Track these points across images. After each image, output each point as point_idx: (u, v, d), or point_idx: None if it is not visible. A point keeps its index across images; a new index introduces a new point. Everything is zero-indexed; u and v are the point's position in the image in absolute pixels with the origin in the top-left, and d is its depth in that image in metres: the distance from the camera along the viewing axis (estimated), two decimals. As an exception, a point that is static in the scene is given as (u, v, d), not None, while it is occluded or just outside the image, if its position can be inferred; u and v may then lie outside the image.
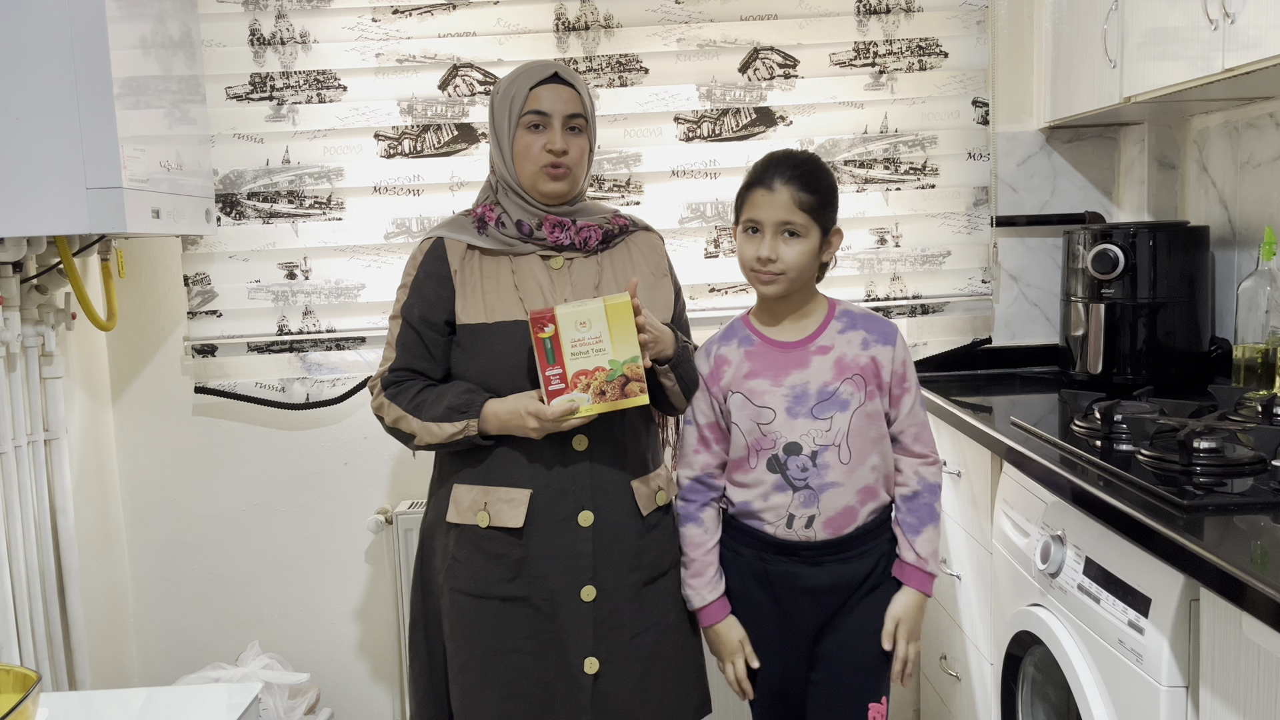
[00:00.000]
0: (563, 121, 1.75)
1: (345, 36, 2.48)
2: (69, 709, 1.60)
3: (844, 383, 1.70)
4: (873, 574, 1.74)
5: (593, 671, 1.73)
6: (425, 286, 1.77)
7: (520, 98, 1.75)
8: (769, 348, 1.75)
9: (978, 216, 2.56)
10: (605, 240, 1.82)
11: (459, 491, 1.77)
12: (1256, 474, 1.47)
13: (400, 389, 1.77)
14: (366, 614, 2.64)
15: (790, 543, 1.72)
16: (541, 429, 1.66)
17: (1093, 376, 2.31)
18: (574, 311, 1.62)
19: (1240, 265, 2.23)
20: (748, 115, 2.52)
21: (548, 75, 1.75)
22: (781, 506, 1.71)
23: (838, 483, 1.70)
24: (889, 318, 2.48)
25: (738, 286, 2.54)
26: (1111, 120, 2.51)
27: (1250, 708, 1.18)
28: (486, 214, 1.79)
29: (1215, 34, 1.70)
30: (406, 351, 1.78)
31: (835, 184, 1.74)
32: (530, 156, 1.74)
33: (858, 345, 1.73)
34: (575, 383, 1.64)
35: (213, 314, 2.52)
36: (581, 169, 1.80)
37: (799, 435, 1.69)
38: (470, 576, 1.75)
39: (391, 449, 2.59)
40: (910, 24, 2.51)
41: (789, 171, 1.69)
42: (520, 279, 1.76)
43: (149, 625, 2.63)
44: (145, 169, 2.01)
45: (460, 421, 1.70)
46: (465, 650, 1.76)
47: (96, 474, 2.50)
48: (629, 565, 1.76)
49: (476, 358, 1.75)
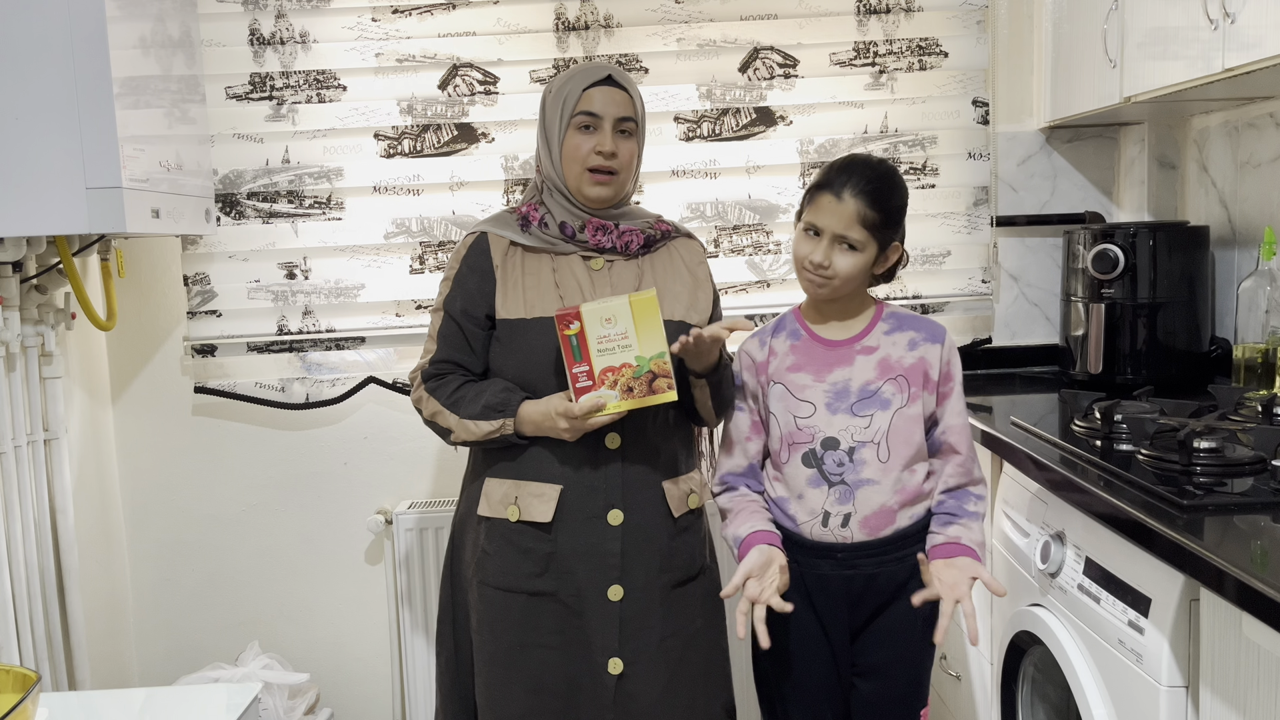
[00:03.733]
0: (614, 124, 1.75)
1: (345, 36, 2.48)
2: (69, 709, 1.60)
3: (887, 383, 1.70)
4: (911, 580, 1.72)
5: (617, 672, 1.73)
6: (468, 280, 1.78)
7: (573, 98, 1.74)
8: (815, 344, 1.74)
9: (978, 216, 2.56)
10: (647, 244, 1.82)
11: (490, 485, 1.77)
12: (1256, 474, 1.47)
13: (440, 383, 1.78)
14: (366, 614, 2.64)
15: (825, 544, 1.70)
16: (572, 429, 1.66)
17: (1093, 376, 2.31)
18: (599, 308, 1.62)
19: (1240, 265, 2.23)
20: (748, 115, 2.52)
21: (601, 77, 1.75)
22: (816, 503, 1.69)
23: (874, 480, 1.68)
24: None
25: (737, 286, 2.54)
26: (1111, 120, 2.50)
27: (1250, 708, 1.18)
28: (531, 213, 1.79)
29: (1215, 34, 1.70)
30: (447, 344, 1.79)
31: (905, 201, 1.71)
32: (578, 158, 1.75)
33: (904, 346, 1.72)
34: (603, 379, 1.64)
35: (212, 314, 2.52)
36: (629, 173, 1.80)
37: (837, 430, 1.69)
38: (499, 570, 1.75)
39: (391, 449, 2.59)
40: (910, 24, 2.51)
41: (861, 184, 1.64)
42: (561, 277, 1.77)
43: (149, 625, 2.63)
44: (145, 169, 2.01)
45: (496, 420, 1.71)
46: (492, 644, 1.76)
47: (96, 474, 2.50)
48: (659, 566, 1.75)
49: (514, 353, 1.75)
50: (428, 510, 2.47)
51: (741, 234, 2.53)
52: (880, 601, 1.72)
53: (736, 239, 2.53)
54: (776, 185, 2.53)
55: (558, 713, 1.74)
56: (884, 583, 1.71)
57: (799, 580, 1.72)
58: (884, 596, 1.72)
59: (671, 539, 1.76)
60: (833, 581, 1.71)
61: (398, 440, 2.58)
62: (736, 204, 2.53)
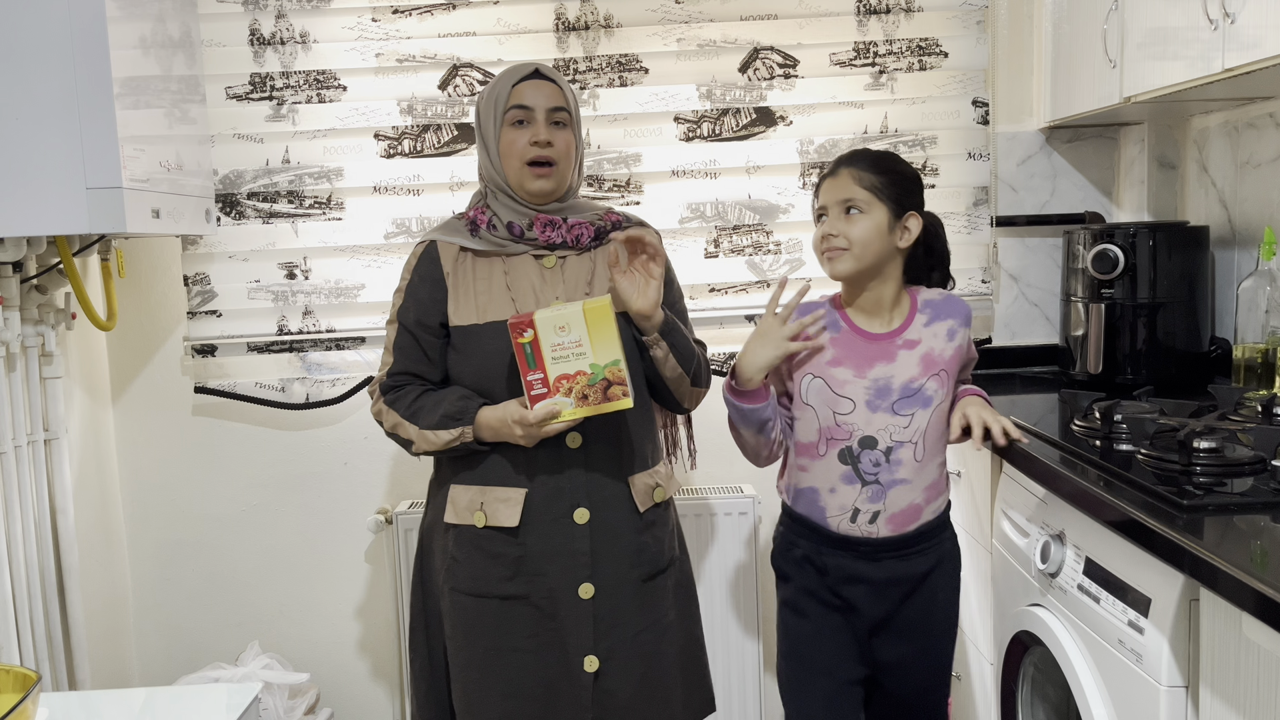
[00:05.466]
0: (546, 115, 1.76)
1: (345, 36, 2.48)
2: (69, 709, 1.60)
3: (930, 379, 1.71)
4: (933, 571, 1.74)
5: (593, 670, 1.74)
6: (419, 290, 1.79)
7: (504, 96, 1.76)
8: (855, 337, 1.74)
9: (978, 216, 2.56)
10: (598, 237, 1.82)
11: (456, 492, 1.77)
12: (1256, 474, 1.47)
13: (399, 394, 1.78)
14: (366, 614, 2.64)
15: (850, 538, 1.72)
16: (527, 435, 1.67)
17: (1093, 376, 2.31)
18: (552, 316, 1.63)
19: (1240, 265, 2.23)
20: (748, 115, 2.52)
21: (529, 73, 1.77)
22: (848, 499, 1.71)
23: (907, 480, 1.70)
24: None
25: (738, 286, 2.54)
26: (1111, 120, 2.50)
27: (1250, 708, 1.18)
28: (478, 216, 1.80)
29: (1215, 34, 1.70)
30: (403, 355, 1.79)
31: (909, 170, 1.74)
32: (515, 152, 1.75)
33: (944, 336, 1.73)
34: (557, 387, 1.64)
35: (213, 314, 2.52)
36: (568, 165, 1.80)
37: (876, 430, 1.69)
38: (469, 576, 1.76)
39: (391, 449, 2.59)
40: (910, 24, 2.51)
41: (854, 159, 1.72)
42: (513, 279, 1.77)
43: (149, 625, 2.63)
44: (145, 169, 2.01)
45: (455, 429, 1.71)
46: (467, 649, 1.76)
47: (96, 474, 2.50)
48: (628, 562, 1.76)
49: (470, 359, 1.76)
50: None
51: (741, 234, 2.53)
52: (903, 593, 1.73)
53: (736, 239, 2.53)
54: (776, 185, 2.53)
55: (536, 715, 1.74)
56: (906, 575, 1.72)
57: (822, 568, 1.74)
58: (906, 588, 1.73)
59: (639, 534, 1.78)
60: (855, 571, 1.72)
61: (398, 440, 2.58)
62: (736, 204, 2.53)
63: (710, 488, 2.53)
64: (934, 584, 1.75)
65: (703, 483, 2.57)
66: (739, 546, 2.46)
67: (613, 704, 1.75)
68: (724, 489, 2.52)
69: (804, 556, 1.76)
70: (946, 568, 1.78)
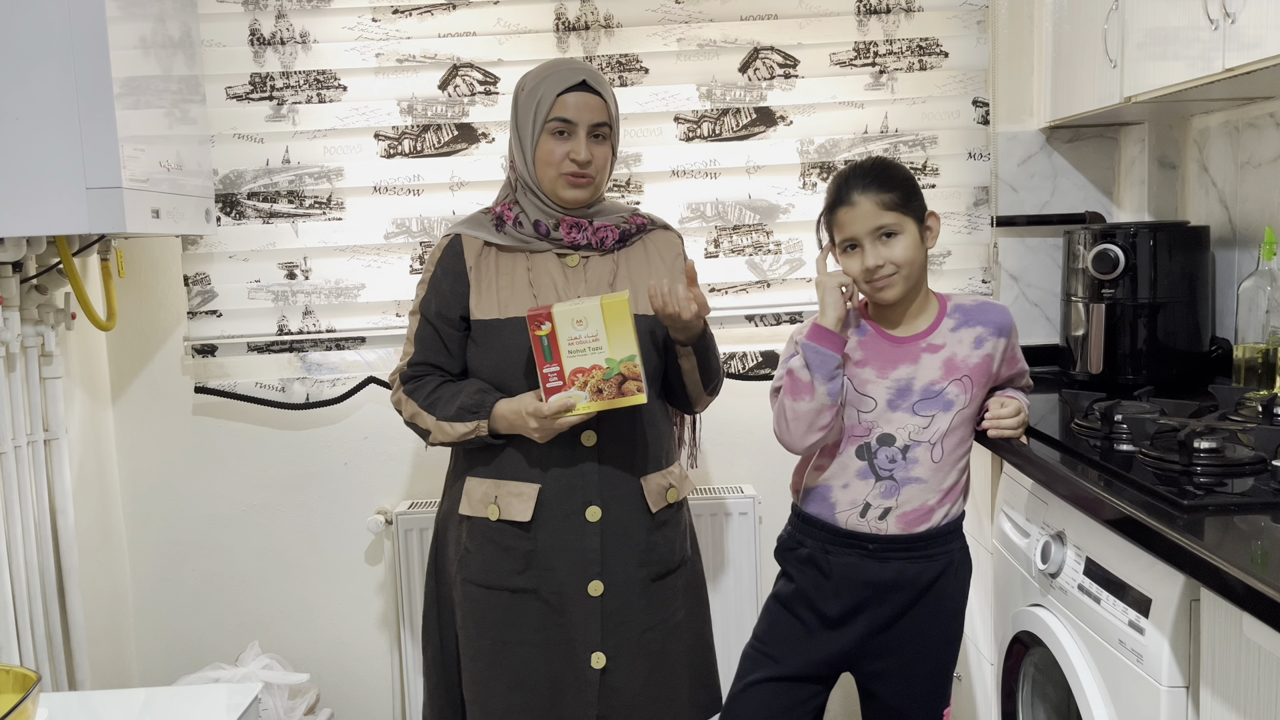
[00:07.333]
0: (588, 130, 1.75)
1: (345, 36, 2.48)
2: (69, 709, 1.60)
3: (952, 383, 1.71)
4: (940, 579, 1.74)
5: (600, 666, 1.75)
6: (442, 282, 1.80)
7: (546, 103, 1.74)
8: (881, 340, 1.75)
9: (978, 216, 2.56)
10: (622, 239, 1.83)
11: (471, 484, 1.79)
12: (1257, 474, 1.47)
13: (418, 384, 1.80)
14: (366, 614, 2.64)
15: (858, 534, 1.72)
16: (541, 428, 1.68)
17: (1093, 376, 2.31)
18: (570, 309, 1.63)
19: (1240, 265, 2.23)
20: (748, 115, 2.52)
21: (575, 83, 1.75)
22: (860, 494, 1.71)
23: (921, 479, 1.70)
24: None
25: (738, 286, 2.54)
26: (1112, 120, 2.50)
27: (1250, 708, 1.18)
28: (505, 213, 1.81)
29: (1215, 34, 1.70)
30: (424, 346, 1.81)
31: (910, 174, 1.74)
32: (553, 163, 1.75)
33: (970, 344, 1.73)
34: (573, 380, 1.65)
35: (213, 314, 2.52)
36: (603, 176, 1.81)
37: (895, 428, 1.70)
38: (481, 568, 1.77)
39: (391, 449, 2.59)
40: (910, 24, 2.50)
41: (861, 181, 1.68)
42: (535, 276, 1.78)
43: (149, 625, 2.63)
44: (145, 169, 2.01)
45: (471, 421, 1.72)
46: (476, 640, 1.78)
47: (96, 474, 2.50)
48: (637, 561, 1.77)
49: (489, 353, 1.77)
50: (428, 510, 2.47)
51: (742, 234, 2.53)
52: (908, 598, 1.73)
53: (737, 239, 2.53)
54: (777, 185, 2.52)
55: (541, 708, 1.76)
56: (913, 579, 1.72)
57: (827, 568, 1.74)
58: (912, 593, 1.73)
59: (650, 534, 1.78)
60: (861, 570, 1.72)
61: (398, 440, 2.58)
62: (736, 204, 2.53)
63: (711, 488, 2.54)
64: (940, 592, 1.74)
65: (703, 482, 2.57)
66: (739, 546, 2.46)
67: (618, 701, 1.76)
68: (725, 489, 2.52)
69: (809, 556, 1.76)
70: (954, 576, 1.77)
